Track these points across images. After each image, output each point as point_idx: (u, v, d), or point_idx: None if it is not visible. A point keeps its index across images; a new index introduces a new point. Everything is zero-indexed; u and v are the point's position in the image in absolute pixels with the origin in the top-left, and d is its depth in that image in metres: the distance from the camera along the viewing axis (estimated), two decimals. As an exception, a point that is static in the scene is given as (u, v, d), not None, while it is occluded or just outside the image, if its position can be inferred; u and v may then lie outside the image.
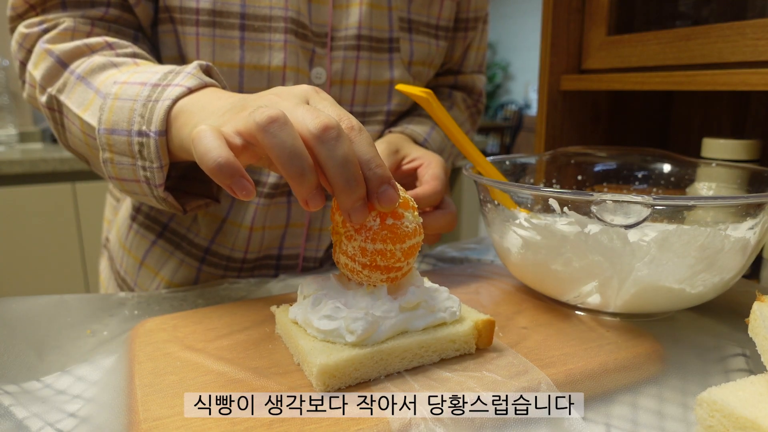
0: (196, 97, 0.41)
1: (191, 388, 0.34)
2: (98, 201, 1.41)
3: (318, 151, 0.32)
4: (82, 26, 0.51)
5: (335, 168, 0.32)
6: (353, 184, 0.33)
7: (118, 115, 0.42)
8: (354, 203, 0.33)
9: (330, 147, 0.32)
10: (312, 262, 0.65)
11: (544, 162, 0.63)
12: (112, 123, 0.43)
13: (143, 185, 0.44)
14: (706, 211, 0.45)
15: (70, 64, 0.49)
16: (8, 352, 0.42)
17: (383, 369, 0.36)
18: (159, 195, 0.44)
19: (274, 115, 0.31)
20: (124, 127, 0.42)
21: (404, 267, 0.37)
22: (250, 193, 0.32)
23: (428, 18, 0.63)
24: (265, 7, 0.54)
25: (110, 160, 0.44)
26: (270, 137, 0.31)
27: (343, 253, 0.37)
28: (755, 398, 0.29)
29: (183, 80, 0.42)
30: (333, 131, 0.32)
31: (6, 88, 1.93)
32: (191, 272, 0.62)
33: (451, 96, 0.74)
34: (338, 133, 0.32)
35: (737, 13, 0.65)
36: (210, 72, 0.46)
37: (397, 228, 0.35)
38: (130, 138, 0.42)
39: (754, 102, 0.71)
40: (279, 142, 0.31)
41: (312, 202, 0.33)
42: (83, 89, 0.47)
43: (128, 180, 0.44)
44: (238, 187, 0.32)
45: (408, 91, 0.49)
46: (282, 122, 0.32)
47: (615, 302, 0.43)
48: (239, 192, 0.32)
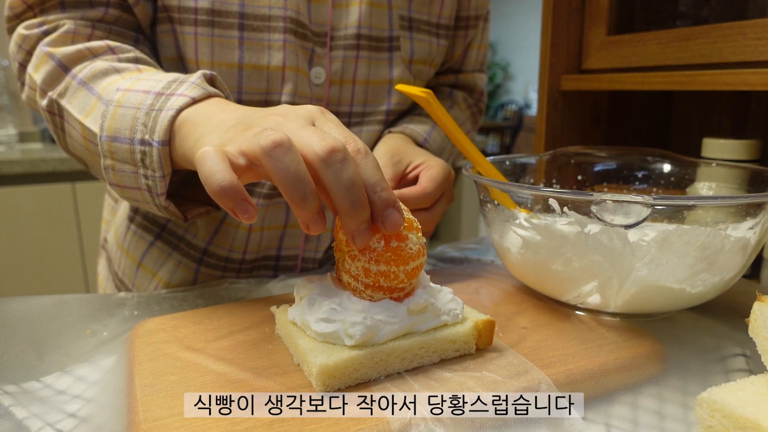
0: (200, 108, 0.41)
1: (191, 388, 0.34)
2: (98, 201, 1.41)
3: (323, 174, 0.32)
4: (83, 29, 0.51)
5: (341, 191, 0.33)
6: (358, 208, 0.33)
7: (120, 122, 0.42)
8: (359, 226, 0.34)
9: (336, 170, 0.32)
10: (311, 263, 0.65)
11: (544, 162, 0.63)
12: (114, 130, 0.43)
13: (144, 193, 0.44)
14: (706, 211, 0.45)
15: (71, 68, 0.49)
16: (8, 352, 0.41)
17: (383, 369, 0.36)
18: (161, 204, 0.44)
19: (278, 140, 0.31)
20: (127, 135, 0.42)
21: (407, 287, 0.37)
22: (252, 216, 0.32)
23: (429, 16, 0.63)
24: (264, 7, 0.54)
25: (112, 167, 0.44)
26: (274, 162, 0.31)
27: (346, 272, 0.37)
28: (755, 398, 0.29)
29: (187, 90, 0.42)
30: (339, 154, 0.32)
31: (6, 88, 1.93)
32: (189, 273, 0.62)
33: (452, 95, 0.74)
34: (344, 156, 0.33)
35: (737, 13, 0.65)
36: (214, 81, 0.46)
37: (401, 250, 0.36)
38: (133, 146, 0.42)
39: (754, 102, 0.71)
40: (282, 167, 0.31)
41: (313, 226, 0.33)
42: (85, 94, 0.47)
43: (129, 187, 0.44)
44: (241, 210, 0.32)
45: (408, 91, 0.49)
46: (286, 147, 0.32)
47: (615, 302, 0.43)
48: (241, 215, 0.32)
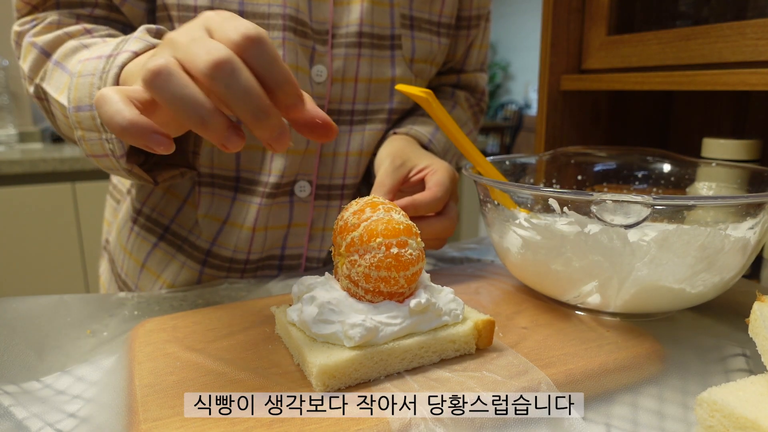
0: (141, 60, 0.40)
1: (191, 388, 0.34)
2: (98, 201, 1.41)
3: (215, 90, 0.29)
4: (67, 19, 0.52)
5: (238, 104, 0.30)
6: (261, 116, 0.30)
7: (81, 91, 0.42)
8: (271, 133, 0.31)
9: (226, 84, 0.29)
10: (315, 263, 0.65)
11: (544, 162, 0.63)
12: (77, 100, 0.43)
13: (111, 159, 0.43)
14: (706, 211, 0.45)
15: (52, 53, 0.50)
16: (8, 352, 0.41)
17: (383, 369, 0.36)
18: (123, 167, 0.43)
19: (156, 69, 0.29)
20: (87, 102, 0.42)
21: (407, 292, 0.38)
22: (168, 147, 0.30)
23: (430, 15, 0.63)
24: (263, 5, 0.54)
25: (82, 138, 0.44)
26: (159, 92, 0.29)
27: (346, 276, 0.37)
28: (755, 398, 0.29)
29: (130, 45, 0.42)
30: (226, 66, 0.29)
31: (6, 88, 1.93)
32: (193, 275, 0.62)
33: (454, 95, 0.74)
34: (232, 68, 0.29)
35: (737, 13, 0.65)
36: (160, 34, 0.45)
37: (401, 256, 0.36)
38: (93, 112, 0.42)
39: (754, 102, 0.71)
40: (169, 96, 0.29)
41: (230, 144, 0.31)
42: (60, 73, 0.48)
43: (99, 156, 0.44)
44: (154, 144, 0.30)
45: (408, 92, 0.49)
46: (166, 74, 0.29)
47: (615, 302, 0.43)
48: (156, 147, 0.30)
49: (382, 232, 0.36)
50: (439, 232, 0.53)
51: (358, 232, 0.36)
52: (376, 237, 0.35)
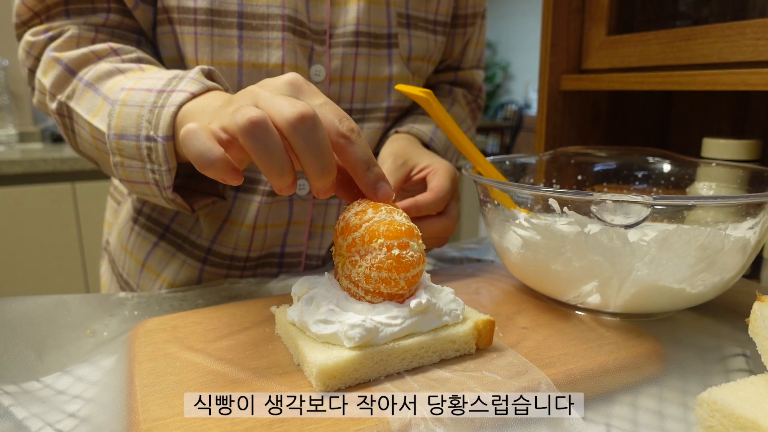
0: (199, 101, 0.43)
1: (191, 388, 0.34)
2: (98, 201, 1.41)
3: (293, 141, 0.33)
4: (87, 33, 0.53)
5: (310, 158, 0.34)
6: (326, 172, 0.34)
7: (126, 120, 0.44)
8: (324, 186, 0.35)
9: (305, 137, 0.33)
10: (315, 260, 0.65)
11: (544, 162, 0.63)
12: (121, 128, 0.45)
13: (153, 187, 0.46)
14: (706, 211, 0.45)
15: (78, 71, 0.51)
16: (8, 352, 0.42)
17: (383, 370, 0.36)
18: (168, 197, 0.46)
19: (254, 119, 0.32)
20: (133, 132, 0.44)
21: (407, 294, 0.38)
22: (240, 180, 0.34)
23: (426, 13, 0.64)
24: (262, 6, 0.54)
25: (120, 164, 0.46)
26: (251, 141, 0.32)
27: (347, 277, 0.37)
28: (755, 398, 0.29)
29: (186, 86, 0.44)
30: (309, 121, 0.33)
31: (6, 88, 1.93)
32: (193, 273, 0.62)
33: (452, 93, 0.74)
34: (314, 123, 0.33)
35: (737, 13, 0.65)
36: (212, 76, 0.47)
37: (403, 258, 0.36)
38: (139, 143, 0.44)
39: (754, 102, 0.71)
40: (260, 146, 0.32)
41: (287, 192, 0.35)
42: (92, 95, 0.49)
43: (138, 182, 0.46)
44: (231, 178, 0.33)
45: (407, 92, 0.49)
46: (263, 126, 0.32)
47: (615, 302, 0.43)
48: (231, 181, 0.33)
49: (383, 233, 0.36)
50: (440, 231, 0.53)
51: (360, 233, 0.36)
52: (377, 238, 0.35)
